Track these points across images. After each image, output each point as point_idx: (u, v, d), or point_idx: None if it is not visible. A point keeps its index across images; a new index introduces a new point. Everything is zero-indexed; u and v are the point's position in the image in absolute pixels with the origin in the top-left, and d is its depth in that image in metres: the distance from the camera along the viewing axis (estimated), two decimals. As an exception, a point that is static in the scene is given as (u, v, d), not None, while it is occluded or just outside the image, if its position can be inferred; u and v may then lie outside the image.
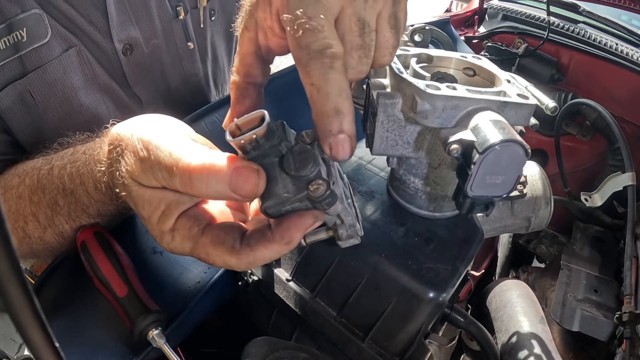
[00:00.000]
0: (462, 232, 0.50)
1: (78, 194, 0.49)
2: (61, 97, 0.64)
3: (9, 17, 0.57)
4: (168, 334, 0.48)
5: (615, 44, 1.25)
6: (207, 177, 0.34)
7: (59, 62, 0.62)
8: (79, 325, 0.51)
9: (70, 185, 0.49)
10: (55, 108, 0.64)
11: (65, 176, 0.49)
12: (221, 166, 0.34)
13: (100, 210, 0.51)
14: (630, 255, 0.82)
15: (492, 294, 0.74)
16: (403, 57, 0.47)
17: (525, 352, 0.58)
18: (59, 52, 0.62)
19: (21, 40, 0.58)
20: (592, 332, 0.79)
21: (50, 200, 0.51)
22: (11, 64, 0.59)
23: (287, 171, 0.34)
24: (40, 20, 0.59)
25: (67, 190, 0.50)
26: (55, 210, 0.51)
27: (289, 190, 0.35)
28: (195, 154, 0.35)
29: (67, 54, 0.63)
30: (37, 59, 0.60)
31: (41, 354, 0.18)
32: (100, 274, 0.49)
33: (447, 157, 0.44)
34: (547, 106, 0.46)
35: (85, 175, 0.47)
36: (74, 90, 0.65)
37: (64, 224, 0.52)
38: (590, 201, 1.09)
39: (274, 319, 0.54)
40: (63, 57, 0.63)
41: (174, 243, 0.39)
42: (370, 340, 0.46)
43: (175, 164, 0.35)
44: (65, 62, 0.63)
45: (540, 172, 0.70)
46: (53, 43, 0.61)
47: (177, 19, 0.76)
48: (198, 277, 0.56)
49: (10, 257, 0.16)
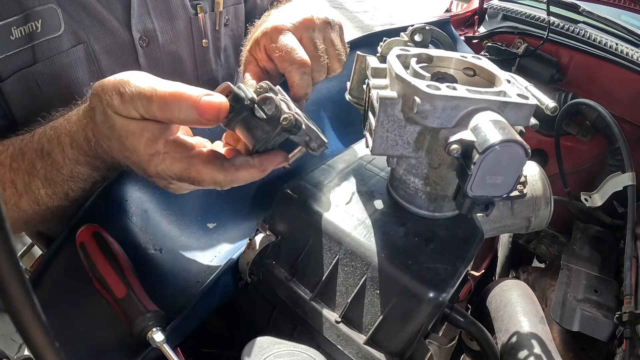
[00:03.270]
0: (462, 232, 0.50)
1: (54, 154, 0.52)
2: (66, 90, 0.67)
3: (27, 8, 0.60)
4: (167, 334, 0.48)
5: (615, 44, 1.25)
6: (179, 102, 0.42)
7: (67, 55, 0.66)
8: (77, 326, 0.51)
9: (48, 146, 0.52)
10: (59, 99, 0.67)
11: (44, 139, 0.53)
12: (191, 94, 0.42)
13: (74, 172, 0.52)
14: (630, 255, 0.81)
15: (492, 294, 0.74)
16: (403, 57, 0.47)
17: (525, 352, 0.58)
18: (69, 46, 0.66)
19: (36, 30, 0.62)
20: (592, 332, 0.79)
21: (29, 166, 0.53)
22: (24, 52, 0.62)
23: (260, 118, 0.46)
24: (55, 14, 0.63)
25: (44, 152, 0.52)
26: (32, 174, 0.53)
27: (266, 130, 0.46)
28: (170, 85, 0.43)
29: (76, 49, 0.67)
30: (48, 50, 0.64)
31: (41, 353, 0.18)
32: (99, 275, 0.49)
33: (447, 157, 0.44)
34: (547, 106, 0.46)
35: (63, 134, 0.51)
36: (78, 84, 0.68)
37: (40, 188, 0.53)
38: (590, 201, 1.09)
39: (274, 319, 0.54)
40: (71, 51, 0.66)
41: (163, 165, 0.45)
42: (370, 340, 0.46)
43: (154, 92, 0.42)
44: (73, 56, 0.67)
45: (540, 172, 0.70)
46: (64, 37, 0.65)
47: (197, 16, 0.80)
48: (198, 276, 0.56)
49: (10, 257, 0.16)
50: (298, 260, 0.51)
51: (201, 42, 0.83)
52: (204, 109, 0.42)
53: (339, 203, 0.51)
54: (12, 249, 0.16)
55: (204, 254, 0.60)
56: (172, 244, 0.60)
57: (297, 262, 0.51)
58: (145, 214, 0.61)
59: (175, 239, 0.60)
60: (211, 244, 0.61)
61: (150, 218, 0.61)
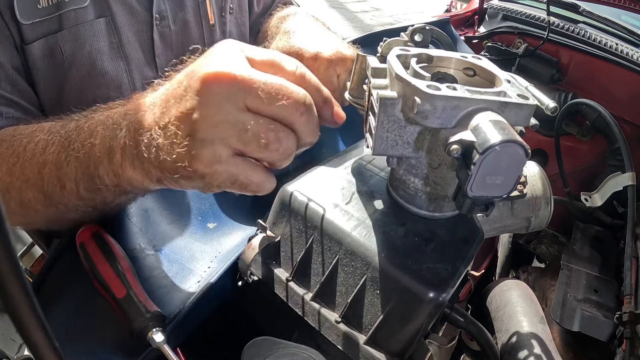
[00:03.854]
0: (462, 232, 0.50)
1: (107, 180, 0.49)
2: (87, 57, 0.72)
3: None
4: (168, 334, 0.48)
5: (615, 44, 1.25)
6: None
7: (91, 26, 0.71)
8: (77, 326, 0.51)
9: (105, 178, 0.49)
10: (80, 67, 0.73)
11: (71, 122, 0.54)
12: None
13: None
14: (630, 255, 0.81)
15: (492, 294, 0.74)
16: (403, 57, 0.47)
17: (525, 352, 0.58)
18: (93, 17, 0.72)
19: (64, 0, 0.68)
20: (592, 332, 0.79)
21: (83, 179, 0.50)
22: (51, 20, 0.68)
23: None
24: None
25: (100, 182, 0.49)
26: (78, 183, 0.51)
27: None
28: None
29: (98, 21, 0.72)
30: (74, 18, 0.70)
31: (41, 354, 0.18)
32: (98, 276, 0.49)
33: (447, 157, 0.44)
34: (547, 106, 0.46)
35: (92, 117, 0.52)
36: (99, 53, 0.73)
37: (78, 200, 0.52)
38: (590, 201, 1.09)
39: (274, 319, 0.54)
40: (95, 22, 0.72)
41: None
42: (370, 340, 0.46)
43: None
44: (96, 27, 0.72)
45: (540, 172, 0.70)
46: (89, 9, 0.71)
47: (204, 2, 0.86)
48: (198, 276, 0.56)
49: (10, 257, 0.16)
50: (298, 261, 0.51)
51: (209, 24, 0.88)
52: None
53: (339, 203, 0.51)
54: (12, 249, 0.16)
55: (204, 254, 0.60)
56: (172, 244, 0.60)
57: (297, 262, 0.51)
58: (145, 213, 0.61)
59: (175, 239, 0.61)
60: (211, 244, 0.61)
61: (150, 218, 0.61)
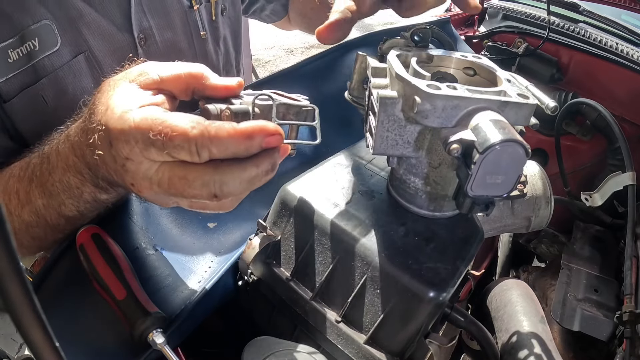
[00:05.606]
0: (462, 231, 0.50)
1: (51, 157, 0.50)
2: (72, 98, 0.67)
3: (22, 29, 0.60)
4: (168, 335, 0.48)
5: (615, 44, 1.25)
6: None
7: (69, 67, 0.66)
8: (78, 328, 0.51)
9: (47, 150, 0.51)
10: (67, 109, 0.67)
11: (46, 145, 0.52)
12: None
13: (63, 179, 0.49)
14: (631, 255, 0.81)
15: (493, 294, 0.74)
16: (403, 57, 0.47)
17: (526, 352, 0.58)
18: (69, 58, 0.66)
19: (34, 49, 0.62)
20: (592, 331, 0.79)
21: (31, 174, 0.53)
22: (25, 72, 0.63)
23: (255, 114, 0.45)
24: (50, 29, 0.63)
25: (43, 156, 0.51)
26: (32, 181, 0.52)
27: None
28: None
29: (77, 59, 0.67)
30: (50, 65, 0.64)
31: (42, 354, 0.18)
32: (98, 277, 0.49)
33: (447, 157, 0.44)
34: (547, 106, 0.46)
35: (62, 137, 0.50)
36: (84, 92, 0.68)
37: (38, 199, 0.52)
38: (590, 201, 1.09)
39: (274, 318, 0.54)
40: (73, 62, 0.67)
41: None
42: (370, 340, 0.46)
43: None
44: (75, 67, 0.67)
45: (541, 172, 0.70)
46: (63, 50, 0.65)
47: (192, 9, 0.79)
48: (199, 276, 0.56)
49: (10, 257, 0.16)
50: (298, 260, 0.51)
51: (199, 34, 0.82)
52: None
53: (339, 202, 0.51)
54: (12, 249, 0.16)
55: (205, 254, 0.60)
56: (172, 244, 0.60)
57: (297, 261, 0.51)
58: (146, 212, 0.61)
59: (176, 239, 0.60)
60: (211, 243, 0.61)
61: (151, 217, 0.61)
